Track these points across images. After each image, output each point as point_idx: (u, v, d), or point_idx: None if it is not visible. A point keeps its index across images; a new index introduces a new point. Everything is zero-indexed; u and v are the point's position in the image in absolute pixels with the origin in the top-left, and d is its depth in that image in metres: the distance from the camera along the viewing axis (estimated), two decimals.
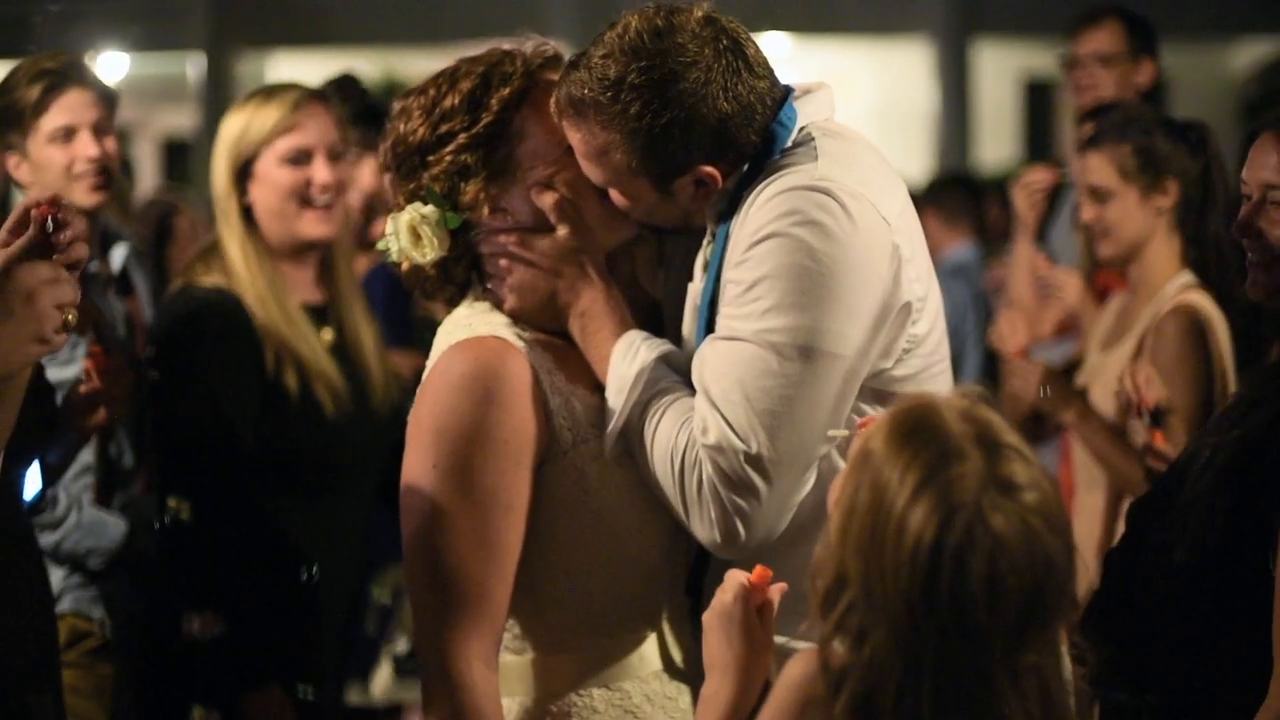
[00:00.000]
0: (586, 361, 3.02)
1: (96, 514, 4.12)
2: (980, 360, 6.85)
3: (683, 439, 2.86)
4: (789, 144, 2.99)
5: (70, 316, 2.46)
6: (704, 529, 2.87)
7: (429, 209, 2.98)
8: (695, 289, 3.12)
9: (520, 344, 2.95)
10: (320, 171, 4.09)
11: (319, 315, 4.18)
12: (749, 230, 2.89)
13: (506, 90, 2.98)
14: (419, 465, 2.92)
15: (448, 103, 2.99)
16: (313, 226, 4.08)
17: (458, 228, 3.00)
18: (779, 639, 2.75)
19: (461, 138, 2.97)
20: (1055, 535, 2.12)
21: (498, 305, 3.04)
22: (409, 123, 3.02)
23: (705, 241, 3.10)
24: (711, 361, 2.89)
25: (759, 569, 2.43)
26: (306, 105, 4.12)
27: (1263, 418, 2.81)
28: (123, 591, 4.21)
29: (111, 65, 19.46)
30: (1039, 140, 20.20)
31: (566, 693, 2.98)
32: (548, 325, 3.03)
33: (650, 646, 3.03)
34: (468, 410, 2.89)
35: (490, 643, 2.90)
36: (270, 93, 4.18)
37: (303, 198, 4.07)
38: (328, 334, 4.15)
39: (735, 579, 2.43)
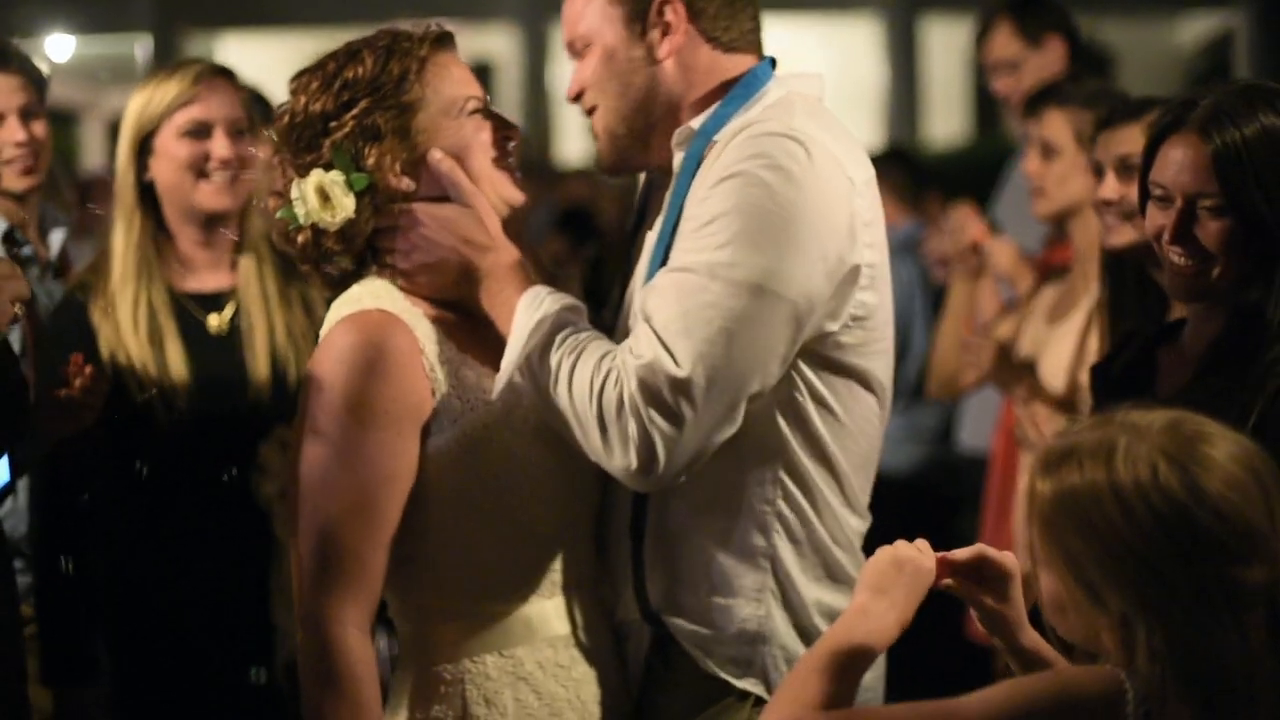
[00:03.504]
0: (483, 332, 3.07)
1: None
2: (929, 337, 6.91)
3: (606, 363, 2.89)
4: (770, 102, 3.08)
5: (18, 310, 2.53)
6: (620, 454, 2.88)
7: (333, 173, 3.04)
8: (651, 236, 3.17)
9: (406, 317, 3.02)
10: (219, 145, 4.06)
11: (213, 302, 4.14)
12: (720, 167, 2.97)
13: (409, 60, 3.06)
14: (304, 435, 3.00)
15: (350, 73, 3.05)
16: (208, 198, 4.05)
17: (363, 189, 3.04)
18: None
19: (365, 102, 3.03)
20: (1230, 431, 2.20)
21: (397, 279, 3.09)
22: (307, 96, 3.07)
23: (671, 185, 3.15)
24: (658, 289, 2.93)
25: (920, 542, 2.49)
26: (208, 79, 4.09)
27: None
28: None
29: (58, 47, 19.41)
30: (987, 116, 20.25)
31: (460, 659, 3.04)
32: (450, 297, 3.09)
33: (546, 613, 3.07)
34: (349, 381, 2.95)
35: (365, 609, 2.95)
36: (174, 68, 4.16)
37: (200, 171, 4.05)
38: (214, 320, 4.12)
39: (927, 548, 2.49)
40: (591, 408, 2.88)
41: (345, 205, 3.04)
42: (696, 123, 3.11)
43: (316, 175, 3.05)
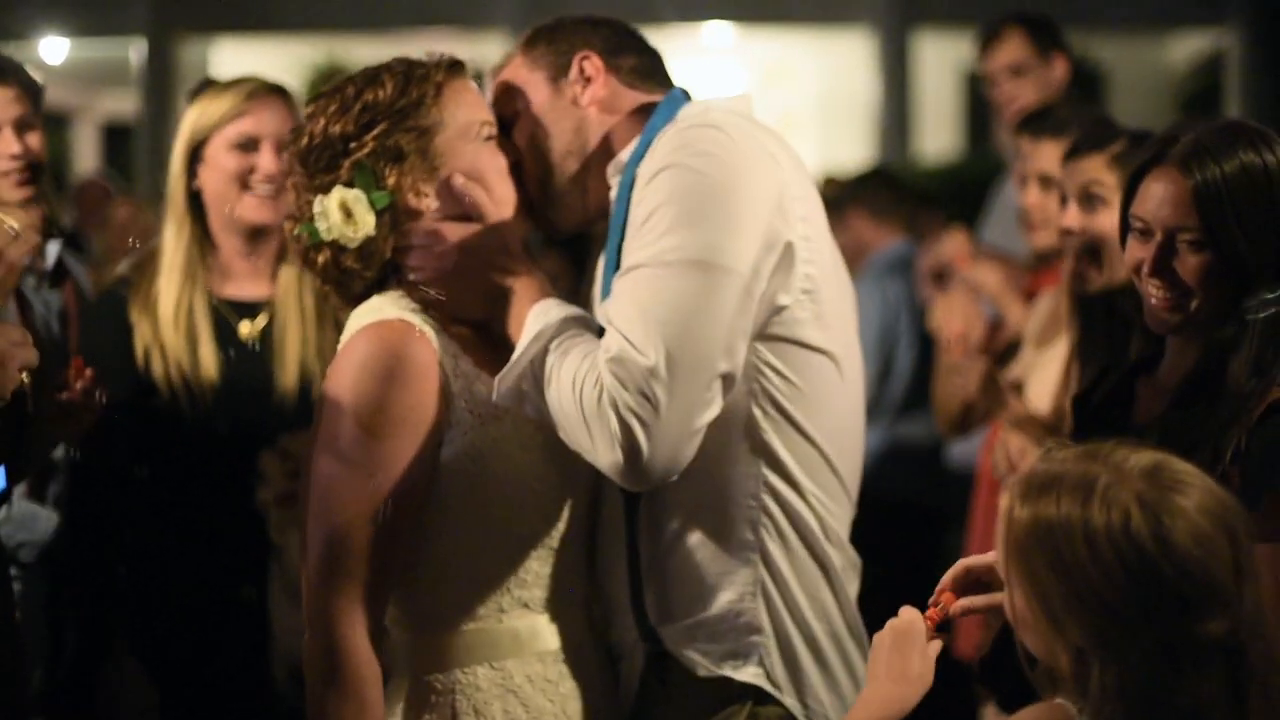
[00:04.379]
0: (496, 348, 3.14)
1: (29, 506, 4.14)
2: (915, 356, 6.94)
3: (585, 364, 2.96)
4: (689, 112, 3.22)
5: (25, 379, 2.59)
6: (606, 449, 2.93)
7: (355, 190, 3.12)
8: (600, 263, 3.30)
9: (426, 328, 3.08)
10: (266, 160, 4.14)
11: (248, 309, 4.21)
12: (647, 171, 3.08)
13: (425, 85, 3.16)
14: (321, 437, 3.05)
15: (370, 96, 3.14)
16: (251, 210, 4.12)
17: (383, 208, 3.13)
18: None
19: (385, 124, 3.13)
20: (1212, 483, 2.27)
21: (418, 296, 3.16)
22: (326, 119, 3.16)
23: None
24: (616, 294, 3.02)
25: (933, 609, 2.56)
26: (262, 96, 4.16)
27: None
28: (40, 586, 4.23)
29: (52, 49, 19.43)
30: (979, 132, 20.31)
31: (451, 669, 3.11)
32: (470, 315, 3.17)
33: (537, 628, 3.14)
34: (368, 388, 3.01)
35: (372, 612, 3.02)
36: (231, 82, 4.24)
37: (244, 183, 4.12)
38: (245, 327, 4.18)
39: (914, 611, 2.55)
40: (575, 407, 2.95)
41: (367, 222, 3.12)
42: (625, 153, 3.23)
43: (339, 192, 3.12)
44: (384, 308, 3.12)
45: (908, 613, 2.53)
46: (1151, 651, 2.21)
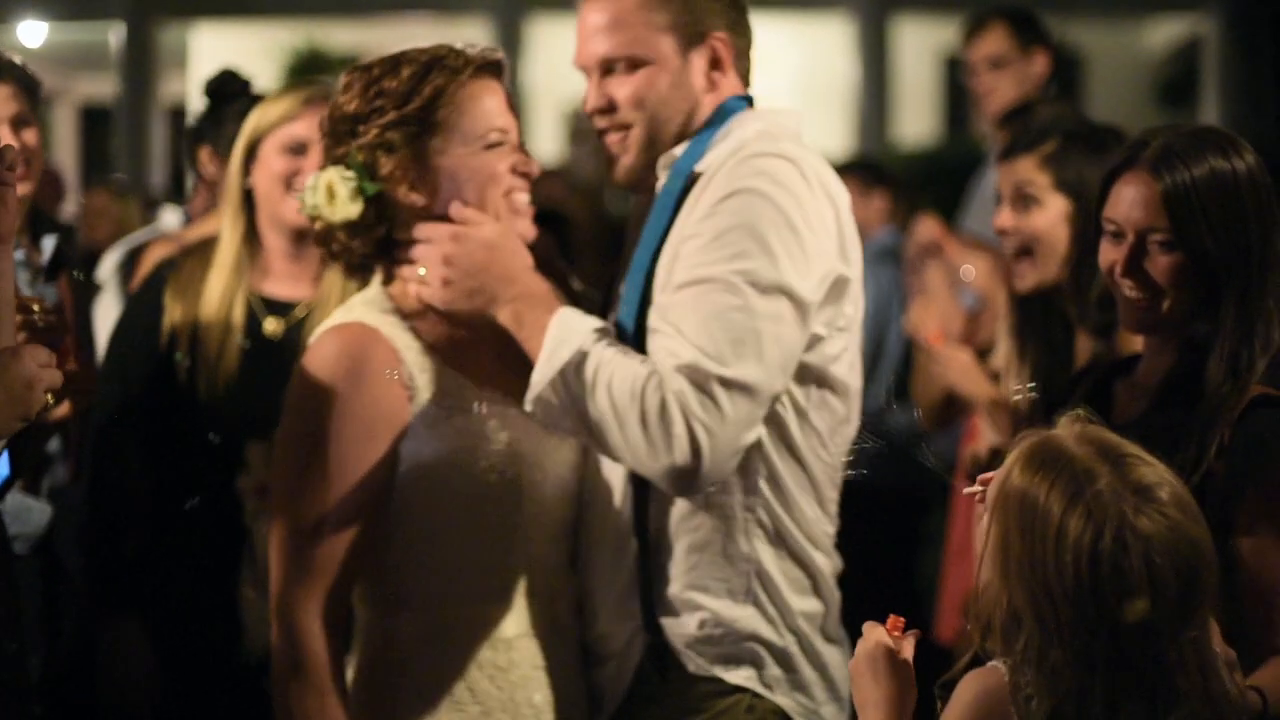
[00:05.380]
0: (474, 345, 3.23)
1: (21, 499, 4.17)
2: (903, 344, 6.98)
3: (644, 369, 3.04)
4: (756, 131, 3.27)
5: (50, 398, 2.66)
6: (665, 454, 3.02)
7: (349, 173, 3.20)
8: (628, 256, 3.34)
9: (387, 329, 3.17)
10: (313, 165, 4.18)
11: (280, 307, 4.24)
12: (718, 188, 3.15)
13: (441, 81, 3.18)
14: (283, 434, 3.19)
15: (386, 83, 3.20)
16: (293, 212, 4.16)
17: (372, 196, 3.20)
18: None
19: (391, 114, 3.19)
20: (1194, 521, 2.35)
21: (400, 291, 3.23)
22: (347, 94, 3.24)
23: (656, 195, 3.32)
24: (679, 303, 3.10)
25: (893, 618, 2.59)
26: (317, 102, 4.19)
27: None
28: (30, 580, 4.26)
29: (31, 33, 19.38)
30: (958, 117, 20.34)
31: (405, 651, 3.19)
32: (471, 315, 3.21)
33: (492, 616, 3.21)
34: (326, 387, 3.13)
35: (334, 601, 3.12)
36: (297, 84, 4.31)
37: (290, 185, 4.16)
38: (272, 324, 4.22)
39: (877, 629, 2.59)
40: (634, 413, 3.02)
41: (347, 207, 3.19)
42: (679, 150, 3.29)
43: (333, 171, 3.21)
44: (355, 309, 3.22)
45: (872, 632, 2.57)
46: (1075, 646, 2.31)
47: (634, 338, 3.20)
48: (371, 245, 3.27)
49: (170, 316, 4.22)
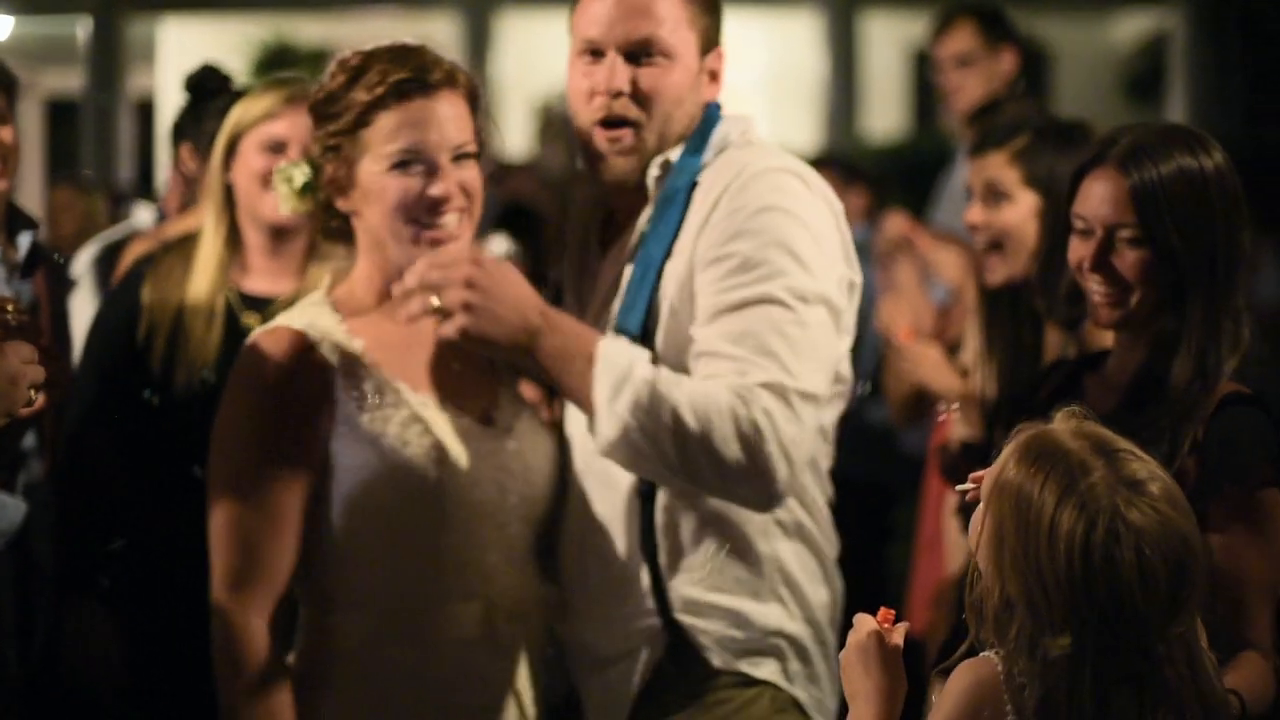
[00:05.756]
0: (410, 348, 3.24)
1: None
2: (876, 340, 7.01)
3: (726, 393, 3.07)
4: (745, 143, 3.34)
5: (35, 394, 2.67)
6: (757, 474, 3.07)
7: (302, 169, 3.28)
8: (620, 262, 3.35)
9: (315, 333, 3.18)
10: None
11: (258, 303, 4.25)
12: (735, 209, 3.19)
13: (365, 93, 3.19)
14: (216, 436, 3.21)
15: (332, 84, 3.24)
16: (271, 210, 4.16)
17: (310, 193, 3.27)
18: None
19: (327, 122, 3.24)
20: (1184, 516, 2.40)
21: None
22: (321, 88, 3.28)
23: (644, 217, 3.33)
24: (734, 328, 3.14)
25: (883, 611, 2.63)
26: (298, 100, 4.19)
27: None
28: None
29: None
30: (926, 111, 20.39)
31: (336, 648, 3.20)
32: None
33: (421, 618, 3.19)
34: (250, 389, 3.18)
35: (268, 600, 3.13)
36: (278, 82, 4.30)
37: (268, 183, 4.17)
38: (249, 319, 4.23)
39: (867, 620, 2.62)
40: (725, 435, 3.04)
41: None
42: (675, 155, 3.31)
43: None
44: (294, 313, 3.26)
45: (862, 624, 2.60)
46: (1060, 632, 2.35)
47: (640, 342, 3.22)
48: (333, 236, 3.32)
49: (148, 313, 4.21)
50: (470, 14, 20.13)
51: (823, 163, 7.76)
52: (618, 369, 3.09)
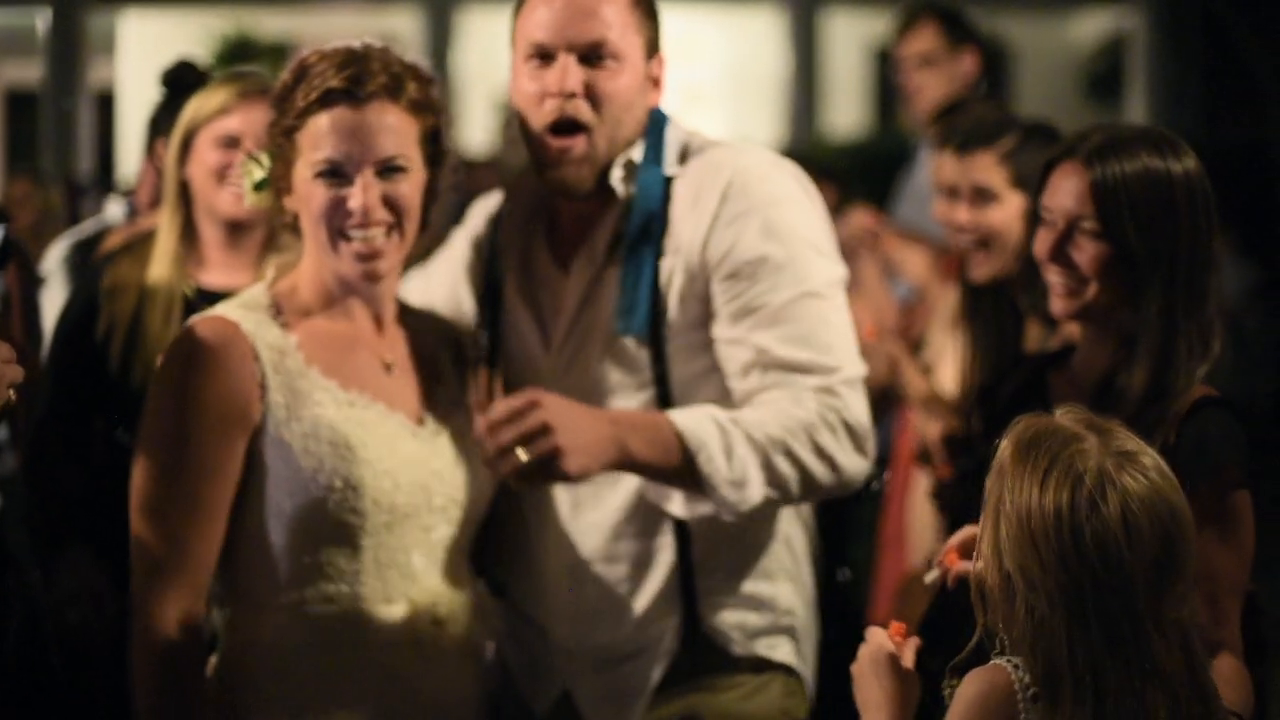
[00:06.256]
0: (352, 346, 3.21)
1: None
2: None
3: (805, 411, 3.16)
4: (705, 140, 3.38)
5: (12, 395, 2.67)
6: (848, 467, 3.19)
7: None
8: (590, 276, 3.33)
9: (249, 324, 3.14)
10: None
11: (216, 298, 4.26)
12: (746, 209, 3.24)
13: (300, 97, 3.16)
14: (141, 427, 3.14)
15: (285, 80, 3.20)
16: (227, 204, 4.17)
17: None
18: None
19: (275, 116, 3.21)
20: (1174, 491, 2.44)
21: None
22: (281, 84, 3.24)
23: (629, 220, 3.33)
24: (788, 331, 3.22)
25: (894, 624, 2.66)
26: (252, 95, 4.20)
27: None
28: None
29: None
30: (887, 108, 20.45)
31: (250, 647, 3.15)
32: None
33: (333, 621, 3.14)
34: (178, 378, 3.11)
35: (188, 594, 3.07)
36: (232, 77, 4.30)
37: (223, 178, 4.17)
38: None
39: (880, 633, 2.64)
40: (832, 442, 3.16)
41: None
42: (637, 156, 3.32)
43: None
44: (231, 303, 3.22)
45: (875, 636, 2.63)
46: (1059, 602, 2.38)
47: (651, 346, 3.25)
48: (277, 230, 3.34)
49: (106, 307, 4.21)
50: (432, 9, 20.12)
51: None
52: (715, 440, 3.10)
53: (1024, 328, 3.98)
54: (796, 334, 3.19)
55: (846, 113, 21.11)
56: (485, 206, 3.62)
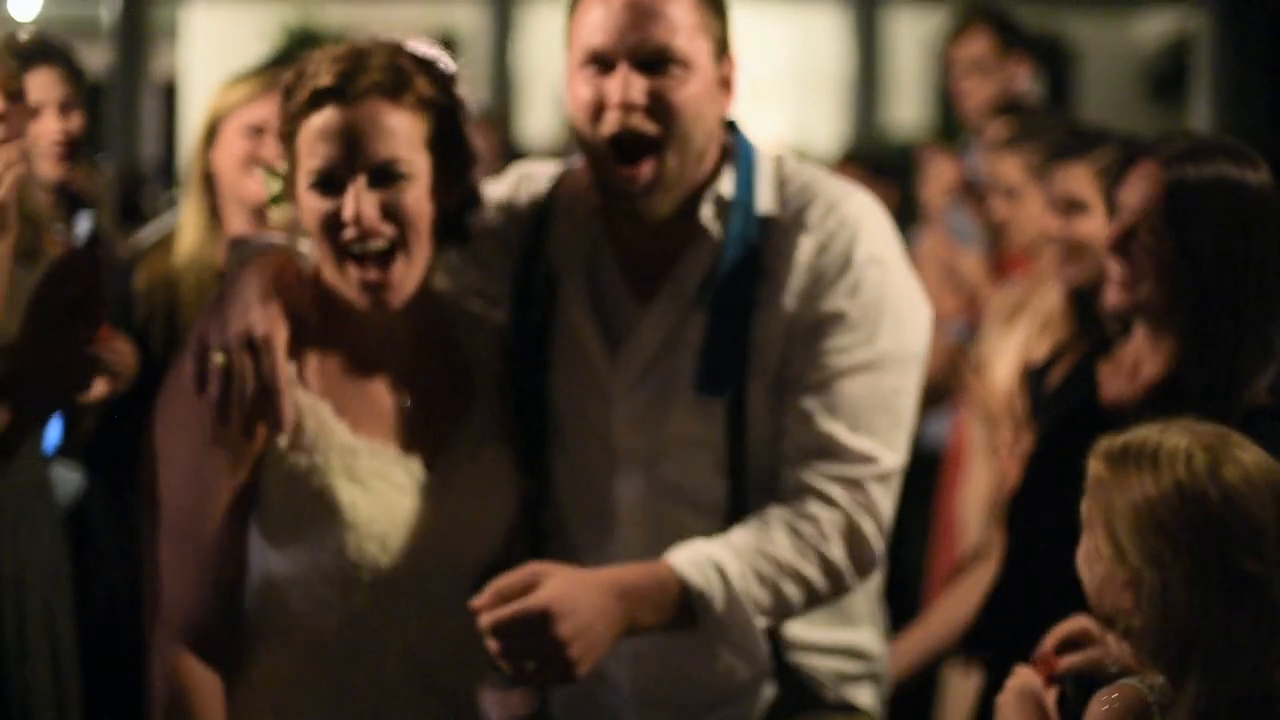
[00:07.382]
0: (354, 376, 2.97)
1: (56, 468, 4.22)
2: None
3: (792, 543, 2.94)
4: (785, 177, 3.09)
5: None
6: (872, 568, 3.03)
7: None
8: (674, 319, 3.07)
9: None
10: (270, 148, 4.22)
11: None
12: (836, 261, 3.00)
13: (297, 100, 2.89)
14: (147, 459, 3.01)
15: (284, 82, 2.94)
16: (252, 193, 4.20)
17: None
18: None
19: (280, 129, 2.94)
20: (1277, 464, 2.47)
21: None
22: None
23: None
24: (839, 400, 2.98)
25: (1042, 664, 2.68)
26: (277, 85, 4.23)
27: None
28: None
29: (23, 6, 19.38)
30: (948, 106, 20.39)
31: (271, 679, 2.99)
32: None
33: (336, 655, 2.98)
34: (181, 410, 2.92)
35: (203, 627, 2.92)
36: (263, 68, 4.33)
37: (248, 167, 4.20)
38: None
39: (1026, 671, 2.66)
40: (841, 554, 2.96)
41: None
42: (727, 189, 3.04)
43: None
44: None
45: (1023, 674, 2.65)
46: (1192, 571, 2.41)
47: (735, 408, 3.02)
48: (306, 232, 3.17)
49: (143, 298, 4.25)
50: (495, 1, 20.18)
51: (850, 158, 7.81)
52: (718, 593, 2.90)
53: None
54: (847, 407, 2.97)
55: (909, 110, 21.07)
56: (528, 181, 3.23)
